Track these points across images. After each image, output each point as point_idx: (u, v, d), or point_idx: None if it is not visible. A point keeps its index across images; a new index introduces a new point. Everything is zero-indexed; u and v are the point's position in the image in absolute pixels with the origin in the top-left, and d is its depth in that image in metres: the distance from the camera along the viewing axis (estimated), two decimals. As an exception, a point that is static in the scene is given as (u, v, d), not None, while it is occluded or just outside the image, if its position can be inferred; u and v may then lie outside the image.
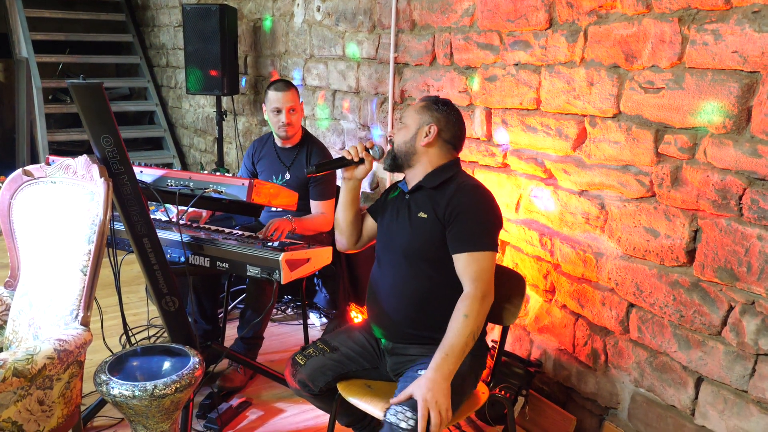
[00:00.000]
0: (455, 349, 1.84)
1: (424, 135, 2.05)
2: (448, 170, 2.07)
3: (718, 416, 2.06)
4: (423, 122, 2.06)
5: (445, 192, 2.01)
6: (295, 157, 3.22)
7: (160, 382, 1.91)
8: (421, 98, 2.19)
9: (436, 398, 1.75)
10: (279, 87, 3.13)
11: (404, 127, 2.10)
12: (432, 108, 2.08)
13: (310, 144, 3.25)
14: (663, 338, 2.21)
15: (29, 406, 1.83)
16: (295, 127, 3.16)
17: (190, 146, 6.73)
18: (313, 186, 3.15)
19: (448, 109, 2.09)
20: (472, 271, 1.92)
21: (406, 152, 2.09)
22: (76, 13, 7.12)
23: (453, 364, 1.82)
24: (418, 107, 2.10)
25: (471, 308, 1.87)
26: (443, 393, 1.77)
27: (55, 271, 2.08)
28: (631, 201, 2.27)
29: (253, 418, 2.72)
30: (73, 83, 1.96)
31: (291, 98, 3.11)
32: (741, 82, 1.88)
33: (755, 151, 1.86)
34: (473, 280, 1.91)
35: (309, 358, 2.12)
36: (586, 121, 2.39)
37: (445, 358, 1.82)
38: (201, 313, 3.08)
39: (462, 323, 1.86)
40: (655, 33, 2.10)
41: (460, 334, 1.85)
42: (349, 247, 2.29)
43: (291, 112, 3.12)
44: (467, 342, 1.85)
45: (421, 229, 2.01)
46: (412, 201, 2.08)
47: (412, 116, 2.09)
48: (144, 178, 2.39)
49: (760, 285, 1.89)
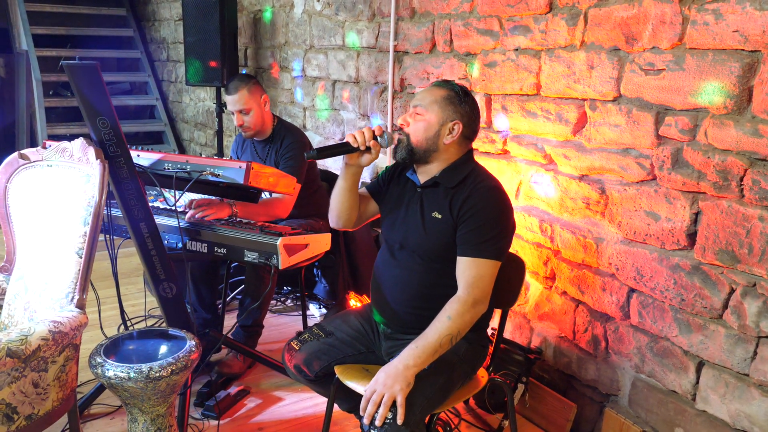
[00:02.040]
0: (428, 347, 1.79)
1: (448, 132, 1.91)
2: (465, 166, 1.96)
3: (719, 400, 2.04)
4: (447, 118, 1.90)
5: (463, 191, 1.91)
6: (268, 152, 3.12)
7: (156, 364, 1.90)
8: (437, 83, 1.98)
9: (387, 382, 1.73)
10: (229, 88, 3.00)
11: (424, 120, 1.92)
12: (456, 102, 1.91)
13: (283, 134, 3.11)
14: (664, 323, 2.19)
15: (24, 388, 1.81)
16: (251, 127, 3.03)
17: (191, 140, 6.72)
18: (282, 164, 3.02)
19: (470, 101, 1.94)
20: (469, 276, 1.86)
21: (426, 149, 1.93)
22: (77, 8, 7.10)
23: (420, 359, 1.77)
24: (440, 99, 1.92)
25: (457, 312, 1.82)
26: (400, 380, 1.73)
27: (51, 254, 2.06)
28: (632, 185, 2.25)
29: (252, 406, 2.71)
30: (68, 63, 1.95)
31: (239, 99, 2.97)
32: (742, 62, 1.86)
33: (756, 131, 1.84)
34: (468, 286, 1.85)
35: (304, 343, 2.11)
36: (587, 105, 2.37)
37: (414, 350, 1.79)
38: (200, 301, 3.06)
39: (443, 323, 1.81)
40: (656, 14, 2.08)
41: (438, 333, 1.80)
42: (345, 227, 2.18)
43: (242, 114, 3.00)
44: (442, 343, 1.80)
45: (434, 229, 1.94)
46: (425, 196, 1.98)
47: (434, 109, 1.91)
48: (141, 161, 2.38)
49: (762, 267, 1.87)
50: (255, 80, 3.08)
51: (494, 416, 2.62)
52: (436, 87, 1.96)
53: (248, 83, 3.02)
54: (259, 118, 3.05)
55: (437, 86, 1.96)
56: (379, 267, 2.11)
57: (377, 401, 1.72)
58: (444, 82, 1.98)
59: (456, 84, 1.96)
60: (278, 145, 3.10)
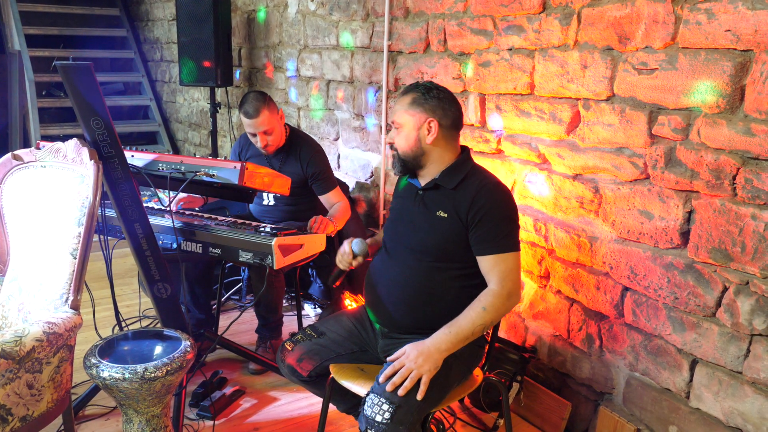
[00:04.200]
0: (461, 333, 1.84)
1: (426, 132, 1.95)
2: (463, 166, 1.99)
3: (712, 398, 2.05)
4: (419, 120, 1.94)
5: (466, 191, 1.94)
6: (284, 160, 3.11)
7: (151, 364, 1.90)
8: (402, 91, 2.02)
9: (419, 360, 1.77)
10: (249, 112, 2.91)
11: (400, 130, 1.98)
12: (421, 101, 1.94)
13: (298, 143, 3.12)
14: (657, 321, 2.20)
15: (18, 389, 1.81)
16: (274, 144, 3.02)
17: (185, 140, 6.70)
18: (314, 183, 3.10)
19: (437, 93, 1.96)
20: (499, 270, 1.91)
21: (414, 156, 1.98)
22: (69, 8, 7.07)
23: (452, 344, 1.83)
24: (406, 104, 1.96)
25: (493, 303, 1.88)
26: (430, 362, 1.78)
27: (45, 255, 2.06)
28: (625, 183, 2.26)
29: (247, 407, 2.71)
30: (61, 64, 1.94)
31: (262, 121, 2.92)
32: (734, 61, 1.87)
33: (749, 130, 1.85)
34: (501, 279, 1.90)
35: (297, 343, 2.12)
36: (580, 104, 2.38)
37: (447, 335, 1.83)
38: (194, 301, 3.06)
39: (478, 313, 1.86)
40: (649, 14, 2.09)
41: (472, 322, 1.86)
42: None
43: (265, 134, 2.97)
44: (475, 332, 1.86)
45: (440, 228, 1.96)
46: (426, 198, 2.01)
47: (403, 116, 1.96)
48: (135, 162, 2.38)
49: (755, 265, 1.88)
50: (268, 96, 3.02)
51: (489, 415, 2.63)
52: (402, 95, 2.01)
53: (266, 102, 2.95)
54: (281, 134, 3.05)
55: (403, 94, 2.01)
56: (375, 267, 2.12)
57: (404, 375, 1.77)
58: (408, 88, 2.01)
59: (419, 84, 2.00)
60: (296, 155, 3.09)
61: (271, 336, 3.09)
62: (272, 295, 2.97)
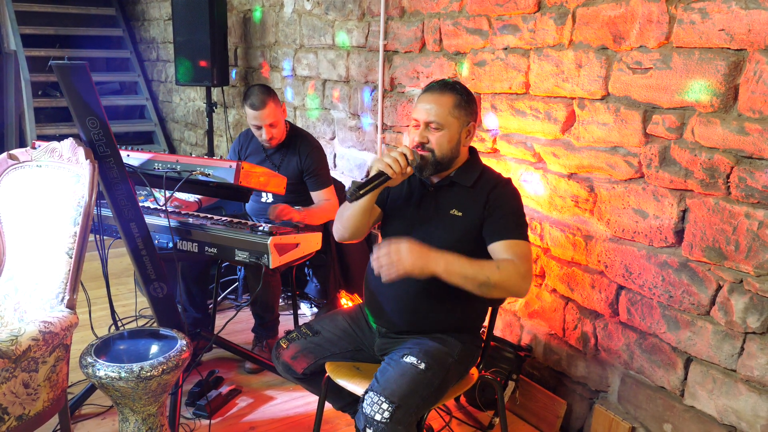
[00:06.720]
0: (464, 268, 1.78)
1: (466, 135, 1.96)
2: (477, 164, 2.03)
3: (707, 396, 2.06)
4: (463, 123, 1.94)
5: (484, 188, 1.96)
6: (284, 157, 3.14)
7: (147, 363, 1.90)
8: (435, 90, 1.95)
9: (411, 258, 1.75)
10: (255, 104, 2.94)
11: (441, 131, 1.92)
12: (464, 104, 1.93)
13: (298, 140, 3.15)
14: (652, 319, 2.21)
15: (14, 388, 1.81)
16: (278, 137, 3.06)
17: (181, 140, 6.70)
18: (308, 178, 3.11)
19: (470, 94, 1.97)
20: (515, 253, 1.85)
21: (451, 158, 1.96)
22: (65, 7, 7.06)
23: (450, 268, 1.77)
24: (452, 108, 1.91)
25: (507, 268, 1.81)
26: (419, 265, 1.75)
27: (41, 254, 2.06)
28: (620, 182, 2.27)
29: (243, 406, 2.71)
30: (57, 63, 1.94)
31: (268, 114, 2.96)
32: (728, 60, 1.88)
33: (742, 128, 1.86)
34: (518, 258, 1.84)
35: (292, 341, 2.12)
36: (575, 103, 2.39)
37: (450, 259, 1.78)
38: (190, 300, 3.07)
39: (490, 266, 1.81)
40: (643, 13, 2.10)
41: (481, 268, 1.79)
42: (354, 240, 2.14)
43: (270, 127, 3.00)
44: (477, 277, 1.78)
45: (453, 226, 1.95)
46: (440, 196, 2.00)
47: (451, 120, 1.91)
48: (131, 161, 2.38)
49: (748, 263, 1.89)
50: (272, 89, 3.06)
51: (485, 413, 2.63)
52: (441, 95, 1.93)
53: (271, 95, 3.00)
54: (284, 128, 3.10)
55: (441, 94, 1.93)
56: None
57: (393, 263, 1.75)
58: (444, 87, 1.95)
59: (455, 83, 1.96)
60: (295, 151, 3.12)
61: (267, 335, 3.09)
62: (268, 294, 2.97)
